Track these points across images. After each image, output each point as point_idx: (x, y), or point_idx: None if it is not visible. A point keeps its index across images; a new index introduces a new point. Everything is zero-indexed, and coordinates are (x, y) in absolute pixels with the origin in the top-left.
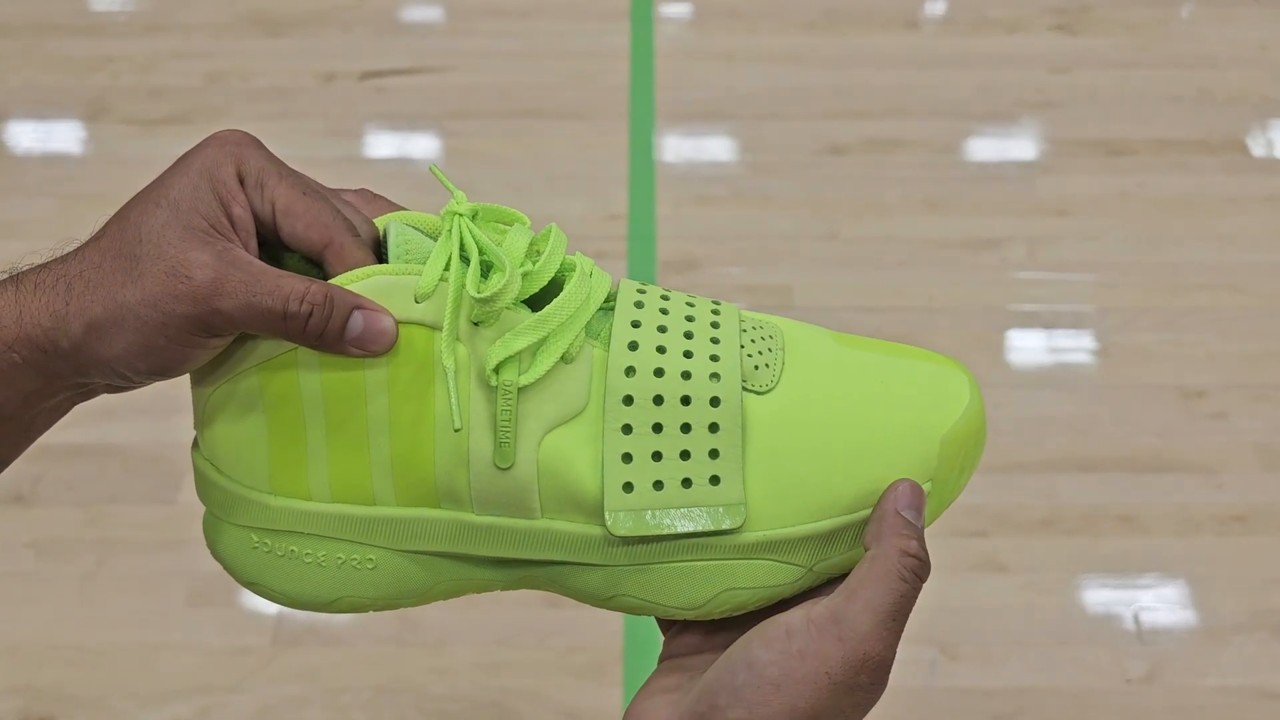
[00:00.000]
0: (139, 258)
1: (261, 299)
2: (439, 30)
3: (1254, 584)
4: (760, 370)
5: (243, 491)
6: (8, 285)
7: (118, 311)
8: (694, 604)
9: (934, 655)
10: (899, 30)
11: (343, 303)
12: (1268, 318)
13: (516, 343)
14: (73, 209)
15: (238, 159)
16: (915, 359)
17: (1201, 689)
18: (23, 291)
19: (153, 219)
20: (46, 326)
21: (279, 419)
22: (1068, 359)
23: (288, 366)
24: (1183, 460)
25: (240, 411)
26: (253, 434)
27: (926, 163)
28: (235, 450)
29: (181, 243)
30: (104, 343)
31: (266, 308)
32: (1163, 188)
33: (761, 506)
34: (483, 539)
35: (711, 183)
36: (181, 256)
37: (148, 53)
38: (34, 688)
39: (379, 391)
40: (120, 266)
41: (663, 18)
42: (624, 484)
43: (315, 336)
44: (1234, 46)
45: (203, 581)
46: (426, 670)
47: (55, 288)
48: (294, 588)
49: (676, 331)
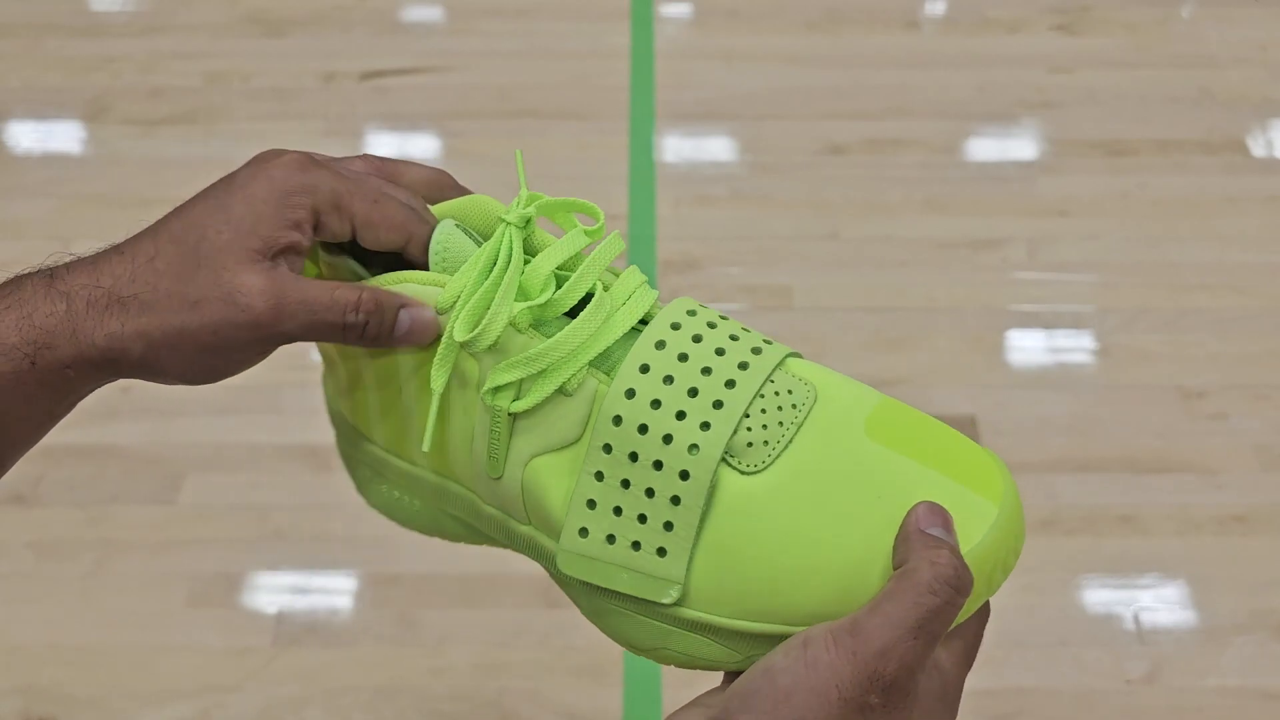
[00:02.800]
0: (196, 282)
1: (321, 316)
2: (439, 30)
3: (1254, 584)
4: (755, 448)
5: (380, 453)
6: (56, 299)
7: (177, 337)
8: (638, 647)
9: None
10: (899, 30)
11: (390, 306)
12: (1268, 318)
13: (508, 375)
14: (73, 209)
15: (310, 190)
16: (947, 471)
17: (1201, 689)
18: (74, 309)
19: (210, 240)
20: (102, 346)
21: (387, 393)
22: (1068, 359)
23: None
24: (1183, 460)
25: (377, 384)
26: (379, 401)
27: (926, 163)
28: (373, 414)
29: (238, 266)
30: (162, 362)
31: (327, 323)
32: (1163, 188)
33: (701, 589)
34: (487, 524)
35: (711, 183)
36: (238, 282)
37: (148, 53)
38: (34, 688)
39: (410, 377)
40: (177, 290)
41: (663, 18)
42: (580, 528)
43: (371, 340)
44: (1234, 46)
45: (203, 582)
46: (426, 670)
47: (110, 308)
48: (407, 523)
49: (683, 385)
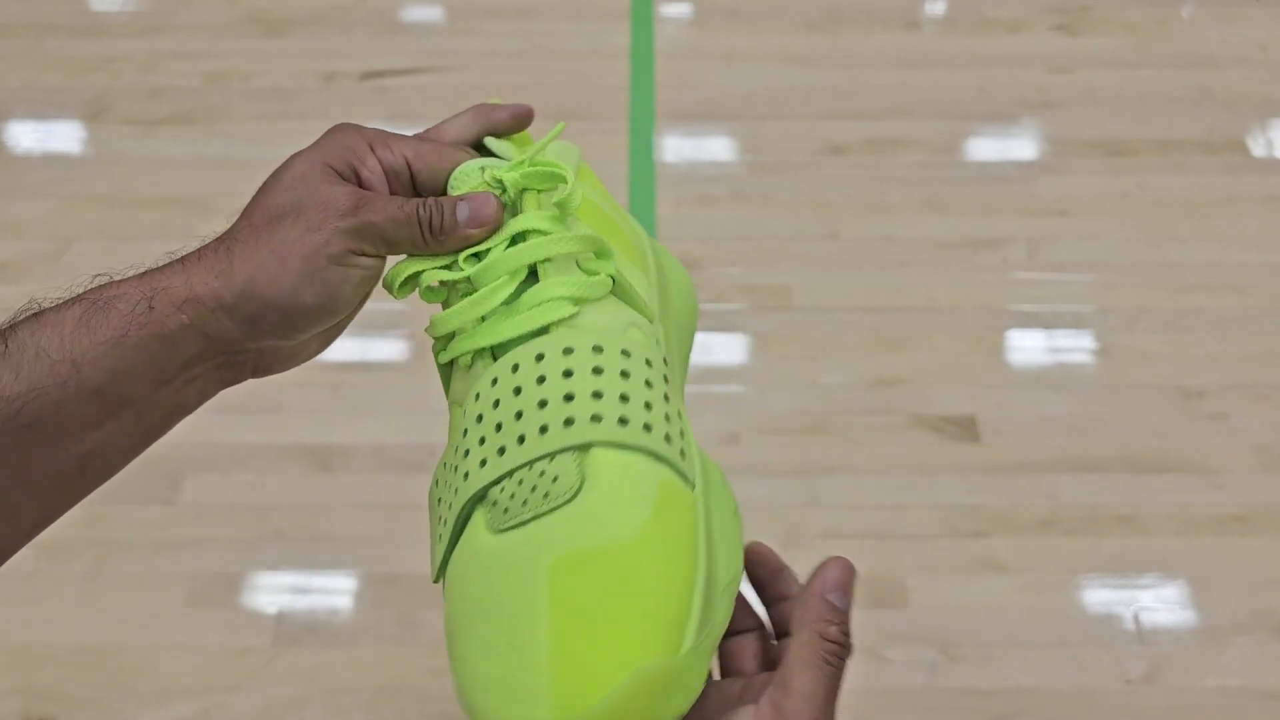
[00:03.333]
0: (287, 202)
1: (396, 212)
2: (439, 30)
3: (1254, 584)
4: (499, 509)
5: None
6: (176, 264)
7: (280, 248)
8: None
9: (934, 655)
10: (899, 30)
11: (449, 201)
12: (1268, 318)
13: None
14: (73, 209)
15: (361, 133)
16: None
17: (1201, 689)
18: (189, 264)
19: (291, 172)
20: (214, 286)
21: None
22: (1068, 359)
23: None
24: (1183, 460)
25: None
26: None
27: (926, 163)
28: None
29: (322, 183)
30: (269, 282)
31: (404, 216)
32: (1163, 188)
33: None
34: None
35: (711, 183)
36: (327, 191)
37: (148, 53)
38: (34, 688)
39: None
40: (272, 214)
41: (663, 18)
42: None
43: (438, 230)
44: (1234, 46)
45: (203, 582)
46: (426, 670)
47: (218, 252)
48: None
49: (486, 427)
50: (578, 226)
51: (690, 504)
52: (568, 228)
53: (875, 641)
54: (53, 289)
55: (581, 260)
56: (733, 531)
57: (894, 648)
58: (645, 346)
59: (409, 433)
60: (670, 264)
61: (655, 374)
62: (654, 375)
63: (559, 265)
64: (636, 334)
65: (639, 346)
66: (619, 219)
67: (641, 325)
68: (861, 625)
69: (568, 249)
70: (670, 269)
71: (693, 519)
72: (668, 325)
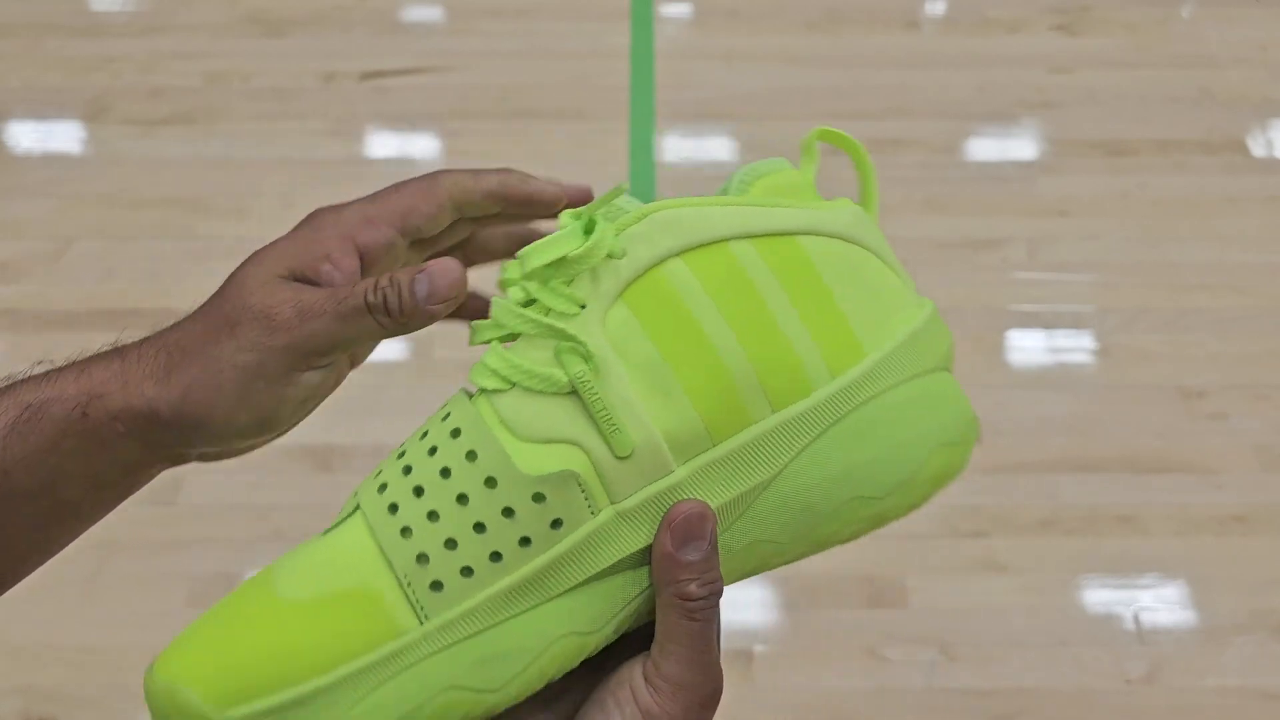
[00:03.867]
0: (227, 313)
1: (344, 304)
2: (439, 30)
3: (1254, 584)
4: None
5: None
6: (114, 357)
7: (214, 365)
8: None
9: (934, 655)
10: (899, 30)
11: (405, 276)
12: (1268, 318)
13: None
14: (73, 209)
15: (339, 221)
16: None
17: (1201, 689)
18: (127, 362)
19: (241, 276)
20: (149, 395)
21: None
22: (1068, 359)
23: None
24: (1183, 460)
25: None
26: None
27: (926, 163)
28: None
29: (264, 289)
30: (202, 401)
31: (352, 308)
32: (1163, 188)
33: None
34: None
35: (711, 183)
36: (267, 300)
37: (148, 53)
38: (34, 688)
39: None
40: (212, 325)
41: (663, 18)
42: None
43: (399, 313)
44: (1234, 46)
45: (203, 582)
46: None
47: (156, 358)
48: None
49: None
50: (614, 319)
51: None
52: (563, 306)
53: (875, 641)
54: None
55: (561, 346)
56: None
57: (894, 648)
58: (486, 469)
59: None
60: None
61: (458, 510)
62: (453, 509)
63: (533, 340)
64: (518, 449)
65: (466, 472)
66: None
67: (580, 442)
68: (861, 625)
69: (518, 328)
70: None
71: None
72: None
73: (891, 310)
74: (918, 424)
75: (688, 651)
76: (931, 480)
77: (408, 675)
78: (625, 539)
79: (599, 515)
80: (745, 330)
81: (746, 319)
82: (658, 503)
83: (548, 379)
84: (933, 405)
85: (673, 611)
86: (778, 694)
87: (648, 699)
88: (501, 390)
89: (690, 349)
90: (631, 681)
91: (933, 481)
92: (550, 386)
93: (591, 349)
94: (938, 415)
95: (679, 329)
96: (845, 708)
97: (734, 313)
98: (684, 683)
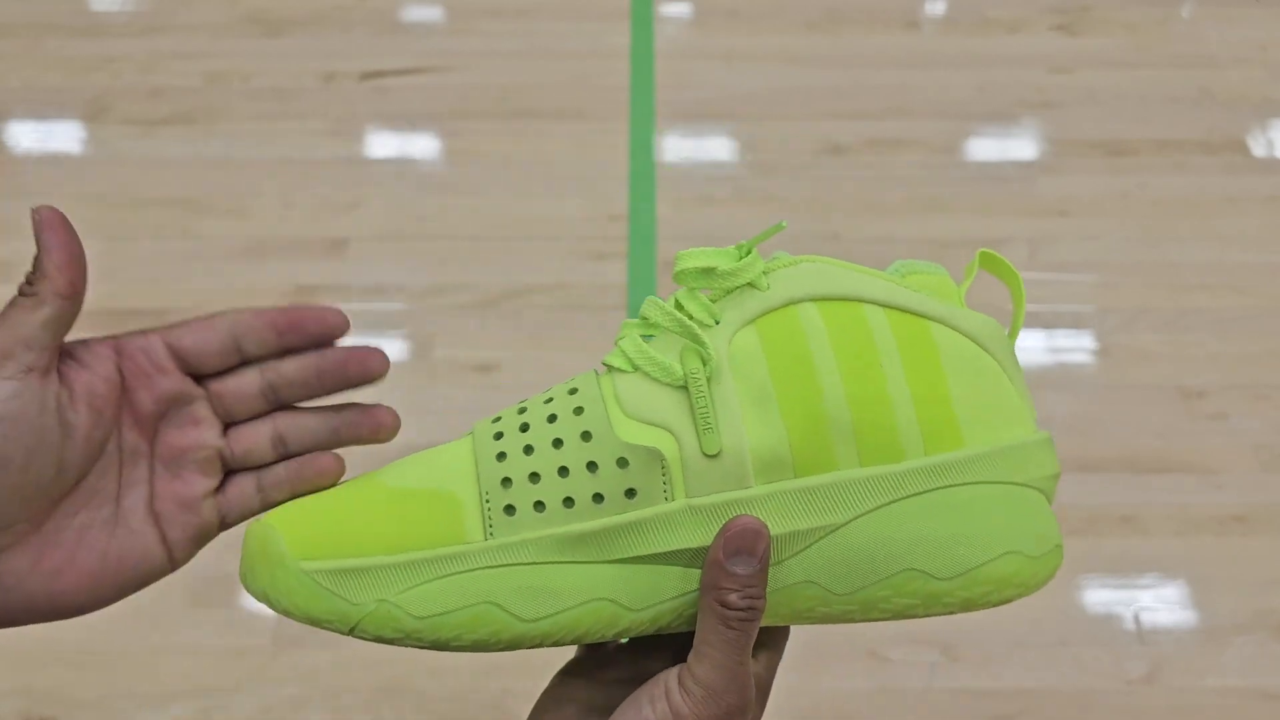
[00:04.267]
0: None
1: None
2: (439, 30)
3: (1254, 584)
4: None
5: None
6: None
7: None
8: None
9: (934, 656)
10: (899, 30)
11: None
12: (1268, 318)
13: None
14: (73, 209)
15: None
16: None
17: (1201, 689)
18: None
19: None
20: None
21: None
22: (1068, 359)
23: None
24: (1183, 460)
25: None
26: None
27: (926, 163)
28: None
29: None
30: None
31: (11, 301)
32: (1163, 188)
33: None
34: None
35: (712, 183)
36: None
37: (148, 53)
38: (34, 688)
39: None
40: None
41: (663, 18)
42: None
43: (40, 275)
44: (1234, 46)
45: (203, 582)
46: (426, 671)
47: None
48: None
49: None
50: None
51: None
52: (701, 318)
53: (875, 641)
54: None
55: (688, 346)
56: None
57: (894, 648)
58: (586, 422)
59: (409, 432)
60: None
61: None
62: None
63: (669, 337)
64: (629, 427)
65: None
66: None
67: (675, 431)
68: (862, 626)
69: (659, 322)
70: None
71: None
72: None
73: (1002, 420)
74: (998, 523)
75: (721, 657)
76: (995, 581)
77: (458, 579)
78: (689, 532)
79: (673, 502)
80: (854, 381)
81: (858, 372)
82: (727, 509)
83: (666, 369)
84: (1018, 513)
85: (711, 616)
86: (778, 694)
87: (679, 700)
88: (625, 371)
89: (798, 382)
90: (667, 681)
91: (996, 584)
92: (666, 376)
93: (711, 353)
94: (1020, 524)
95: (793, 361)
96: (846, 708)
97: (848, 363)
98: (714, 689)
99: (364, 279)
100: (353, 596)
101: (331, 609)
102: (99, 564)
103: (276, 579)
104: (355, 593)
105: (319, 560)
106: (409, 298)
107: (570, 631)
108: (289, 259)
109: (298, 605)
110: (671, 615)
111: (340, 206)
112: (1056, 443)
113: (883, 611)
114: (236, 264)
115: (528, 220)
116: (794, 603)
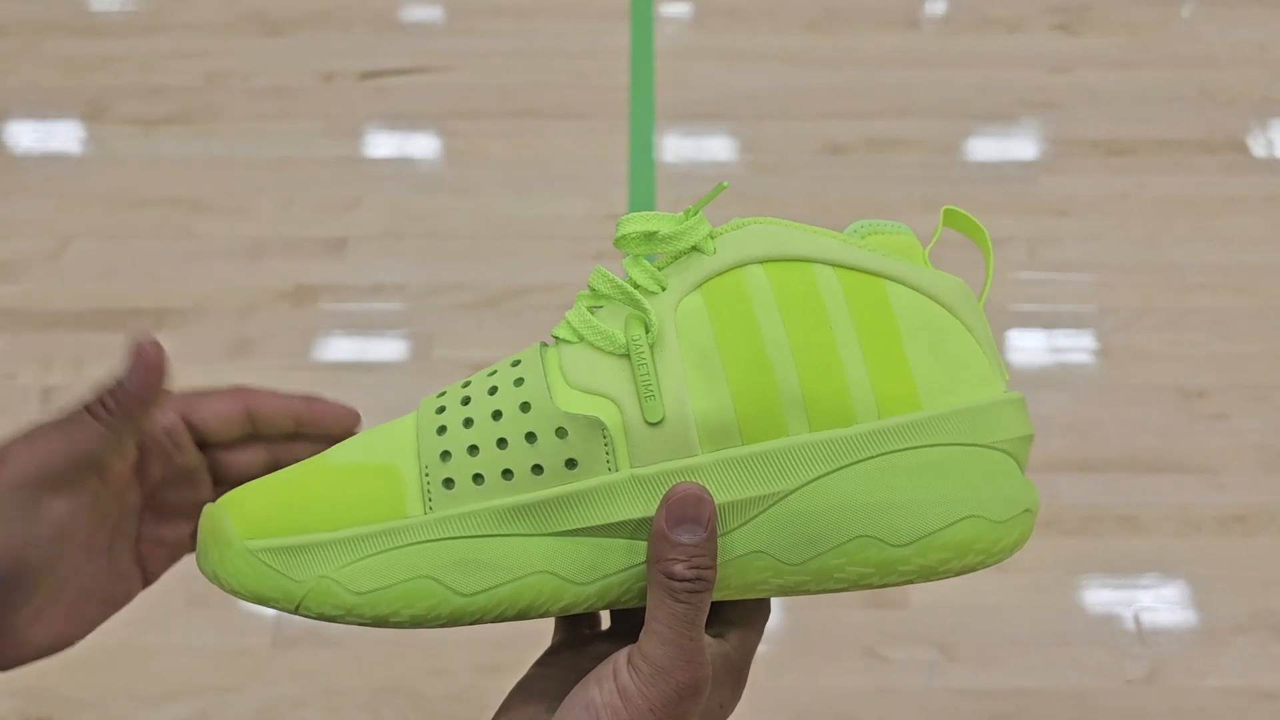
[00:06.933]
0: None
1: (67, 416)
2: (439, 30)
3: (1254, 585)
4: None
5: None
6: None
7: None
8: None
9: (933, 655)
10: (899, 30)
11: (112, 378)
12: (1268, 318)
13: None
14: (73, 209)
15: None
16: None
17: (1201, 690)
18: None
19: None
20: None
21: None
22: (1068, 359)
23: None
24: (1183, 460)
25: None
26: None
27: (926, 163)
28: None
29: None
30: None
31: (71, 416)
32: (1163, 188)
33: None
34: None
35: (712, 183)
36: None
37: (148, 53)
38: (33, 689)
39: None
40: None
41: (663, 18)
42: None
43: (116, 399)
44: (1234, 46)
45: (202, 582)
46: (425, 671)
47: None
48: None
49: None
50: (686, 308)
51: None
52: (647, 283)
53: (875, 641)
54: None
55: (632, 314)
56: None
57: (894, 648)
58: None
59: None
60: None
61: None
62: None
63: (617, 307)
64: (572, 397)
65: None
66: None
67: (618, 399)
68: (861, 625)
69: (604, 291)
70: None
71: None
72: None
73: (965, 381)
74: (956, 486)
75: (669, 633)
76: (954, 547)
77: (396, 554)
78: (632, 503)
79: (616, 473)
80: (802, 345)
81: (806, 335)
82: (672, 478)
83: (608, 337)
84: (980, 476)
85: (658, 589)
86: (778, 694)
87: (626, 679)
88: (570, 342)
89: (742, 346)
90: (616, 661)
91: (956, 550)
92: (608, 345)
93: (654, 319)
94: (982, 487)
95: (739, 326)
96: (845, 708)
97: (796, 326)
98: (662, 666)
99: (363, 278)
100: (295, 574)
101: (276, 586)
102: (86, 607)
103: (225, 559)
104: (297, 570)
105: (263, 539)
106: (408, 297)
107: (511, 605)
108: (288, 258)
109: (245, 584)
110: (619, 589)
111: (339, 206)
112: (1056, 443)
113: (838, 581)
114: (236, 263)
115: (527, 220)
116: (745, 575)
